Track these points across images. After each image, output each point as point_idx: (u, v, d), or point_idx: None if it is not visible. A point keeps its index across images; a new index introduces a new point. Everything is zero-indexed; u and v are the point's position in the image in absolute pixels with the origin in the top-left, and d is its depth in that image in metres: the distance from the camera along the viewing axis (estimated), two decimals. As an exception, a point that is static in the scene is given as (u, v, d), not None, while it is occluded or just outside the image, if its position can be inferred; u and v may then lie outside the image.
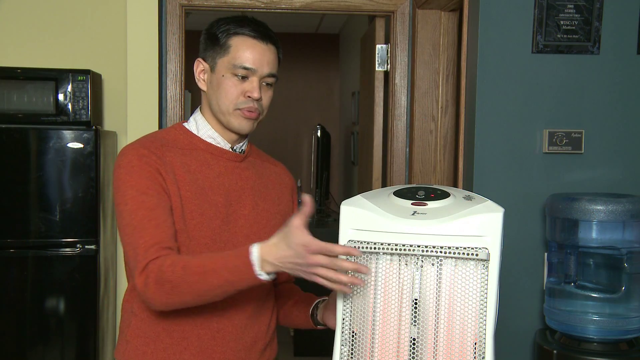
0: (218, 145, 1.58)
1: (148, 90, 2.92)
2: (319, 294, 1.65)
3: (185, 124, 1.61)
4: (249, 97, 1.51)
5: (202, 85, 1.58)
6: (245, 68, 1.50)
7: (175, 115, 2.97)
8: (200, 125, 1.58)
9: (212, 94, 1.55)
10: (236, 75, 1.51)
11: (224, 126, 1.56)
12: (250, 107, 1.52)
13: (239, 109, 1.52)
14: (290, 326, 1.72)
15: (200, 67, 1.58)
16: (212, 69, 1.55)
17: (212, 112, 1.56)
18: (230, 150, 1.59)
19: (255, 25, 1.53)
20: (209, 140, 1.57)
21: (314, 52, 6.66)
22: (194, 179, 1.51)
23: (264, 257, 1.30)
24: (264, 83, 1.53)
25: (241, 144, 1.61)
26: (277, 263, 1.29)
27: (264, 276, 1.31)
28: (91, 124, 2.91)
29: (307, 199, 1.26)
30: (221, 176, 1.55)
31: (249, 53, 1.50)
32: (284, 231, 1.29)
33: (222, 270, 1.33)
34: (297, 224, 1.26)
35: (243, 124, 1.54)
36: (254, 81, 1.51)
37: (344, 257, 1.29)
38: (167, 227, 1.43)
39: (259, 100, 1.52)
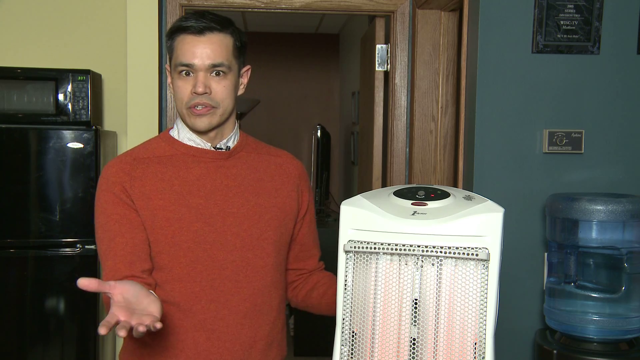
0: (198, 146, 1.58)
1: (148, 90, 2.92)
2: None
3: (171, 130, 1.63)
4: (194, 93, 1.50)
5: (171, 91, 1.60)
6: (183, 64, 1.50)
7: (175, 116, 2.96)
8: (180, 129, 1.59)
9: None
10: (181, 73, 1.51)
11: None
12: (197, 103, 1.50)
13: (190, 108, 1.52)
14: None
15: (169, 74, 1.60)
16: (171, 73, 1.57)
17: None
18: (213, 149, 1.58)
19: (191, 20, 1.51)
20: (189, 142, 1.58)
21: (314, 52, 6.66)
22: (169, 186, 1.52)
23: None
24: (212, 74, 1.51)
25: (225, 140, 1.60)
26: None
27: None
28: (91, 124, 2.91)
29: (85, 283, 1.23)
30: (202, 178, 1.55)
31: (185, 49, 1.50)
32: None
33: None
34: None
35: (196, 123, 1.53)
36: (197, 76, 1.50)
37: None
38: (126, 254, 1.48)
39: (206, 94, 1.50)
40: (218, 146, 1.59)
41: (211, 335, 1.51)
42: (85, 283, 1.21)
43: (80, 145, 2.86)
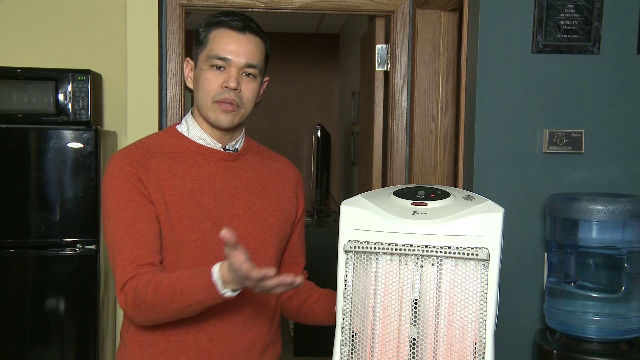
0: (208, 145, 1.57)
1: (148, 90, 2.92)
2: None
3: (178, 126, 1.61)
4: (225, 87, 1.49)
5: (189, 84, 1.58)
6: (220, 58, 1.49)
7: (175, 115, 2.97)
8: (190, 127, 1.58)
9: (195, 89, 1.55)
10: (213, 66, 1.50)
11: (209, 123, 1.55)
12: (226, 98, 1.49)
13: (216, 102, 1.50)
14: (313, 323, 1.68)
15: (188, 66, 1.58)
16: (195, 65, 1.55)
17: (197, 108, 1.56)
18: (222, 149, 1.58)
19: (234, 17, 1.52)
20: (199, 141, 1.57)
21: (314, 52, 6.66)
22: (182, 183, 1.51)
23: (224, 278, 1.31)
24: (243, 74, 1.51)
25: (234, 142, 1.60)
26: (236, 282, 1.30)
27: (228, 294, 1.32)
28: (91, 124, 2.91)
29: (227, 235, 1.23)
30: (211, 177, 1.54)
31: (225, 43, 1.50)
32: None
33: (188, 291, 1.35)
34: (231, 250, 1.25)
35: (220, 118, 1.51)
36: (230, 71, 1.49)
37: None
38: (147, 241, 1.44)
39: (236, 90, 1.50)
40: (226, 147, 1.59)
41: (213, 336, 1.51)
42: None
43: (80, 145, 2.86)
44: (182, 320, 1.48)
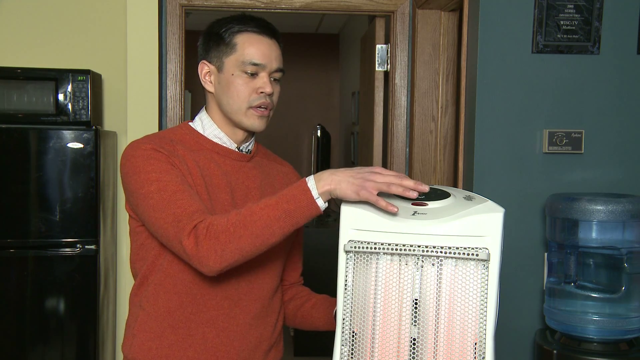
0: (224, 145, 1.58)
1: (148, 90, 2.92)
2: (333, 295, 1.63)
3: (191, 124, 1.61)
4: (261, 92, 1.51)
5: (209, 87, 1.57)
6: (255, 64, 1.51)
7: (175, 116, 2.97)
8: (206, 125, 1.58)
9: (222, 94, 1.54)
10: (246, 72, 1.51)
11: (235, 125, 1.56)
12: (263, 103, 1.52)
13: (251, 107, 1.52)
14: (309, 328, 1.69)
15: (205, 69, 1.57)
16: (220, 69, 1.54)
17: (223, 112, 1.56)
18: (237, 150, 1.59)
19: (258, 21, 1.54)
20: (215, 140, 1.58)
21: (314, 52, 6.66)
22: (203, 176, 1.51)
23: (319, 178, 1.34)
24: (272, 78, 1.54)
25: (247, 143, 1.61)
26: (335, 180, 1.33)
27: (320, 201, 1.34)
28: (91, 124, 2.91)
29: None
30: (228, 175, 1.55)
31: (257, 49, 1.51)
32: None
33: (279, 202, 1.34)
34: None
35: (256, 123, 1.54)
36: (264, 77, 1.51)
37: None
38: (201, 200, 1.43)
39: (270, 95, 1.53)
40: (240, 148, 1.60)
41: (221, 333, 1.51)
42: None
43: (80, 145, 2.86)
44: (192, 314, 1.49)
